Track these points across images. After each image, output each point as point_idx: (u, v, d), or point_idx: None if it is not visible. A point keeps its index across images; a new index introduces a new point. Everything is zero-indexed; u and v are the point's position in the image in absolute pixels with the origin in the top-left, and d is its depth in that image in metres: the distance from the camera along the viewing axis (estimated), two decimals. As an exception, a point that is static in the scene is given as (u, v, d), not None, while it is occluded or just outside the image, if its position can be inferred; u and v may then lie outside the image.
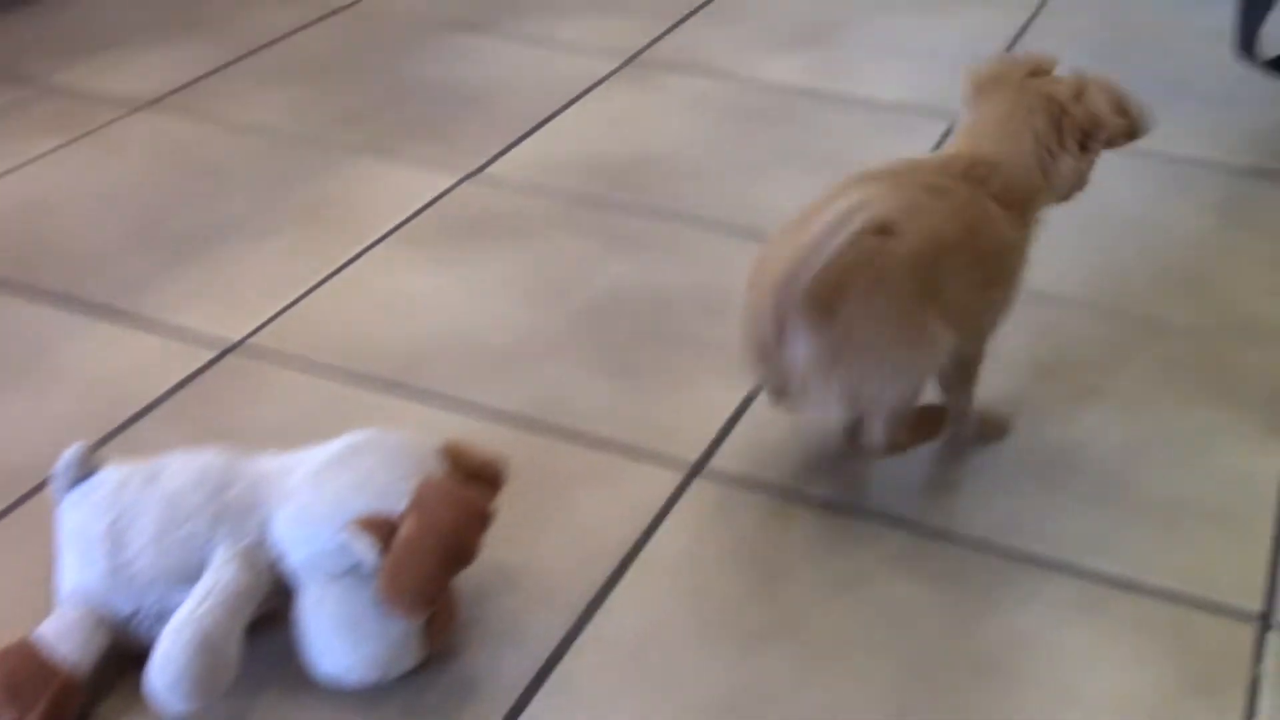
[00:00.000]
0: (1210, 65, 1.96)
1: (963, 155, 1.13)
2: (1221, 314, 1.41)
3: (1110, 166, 1.28)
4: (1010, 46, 2.01)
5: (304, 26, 2.00)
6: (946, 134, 1.72)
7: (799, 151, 1.70)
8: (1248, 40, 1.69)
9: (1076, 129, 1.13)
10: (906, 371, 1.06)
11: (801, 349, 1.02)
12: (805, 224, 0.99)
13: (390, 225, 1.51)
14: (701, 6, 2.14)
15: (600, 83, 1.87)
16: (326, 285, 1.41)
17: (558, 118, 1.77)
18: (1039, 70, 1.17)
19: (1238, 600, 1.06)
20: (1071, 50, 2.00)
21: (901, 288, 1.02)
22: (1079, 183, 1.16)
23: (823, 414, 1.12)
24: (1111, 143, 1.15)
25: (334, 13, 2.06)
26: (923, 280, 1.03)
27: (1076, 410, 1.26)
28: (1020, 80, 1.16)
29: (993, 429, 1.22)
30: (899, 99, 1.84)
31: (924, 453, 1.19)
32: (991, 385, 1.24)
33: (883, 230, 1.00)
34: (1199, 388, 1.30)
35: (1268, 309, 1.42)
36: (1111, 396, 1.28)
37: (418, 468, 0.93)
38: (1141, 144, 1.69)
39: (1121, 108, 1.15)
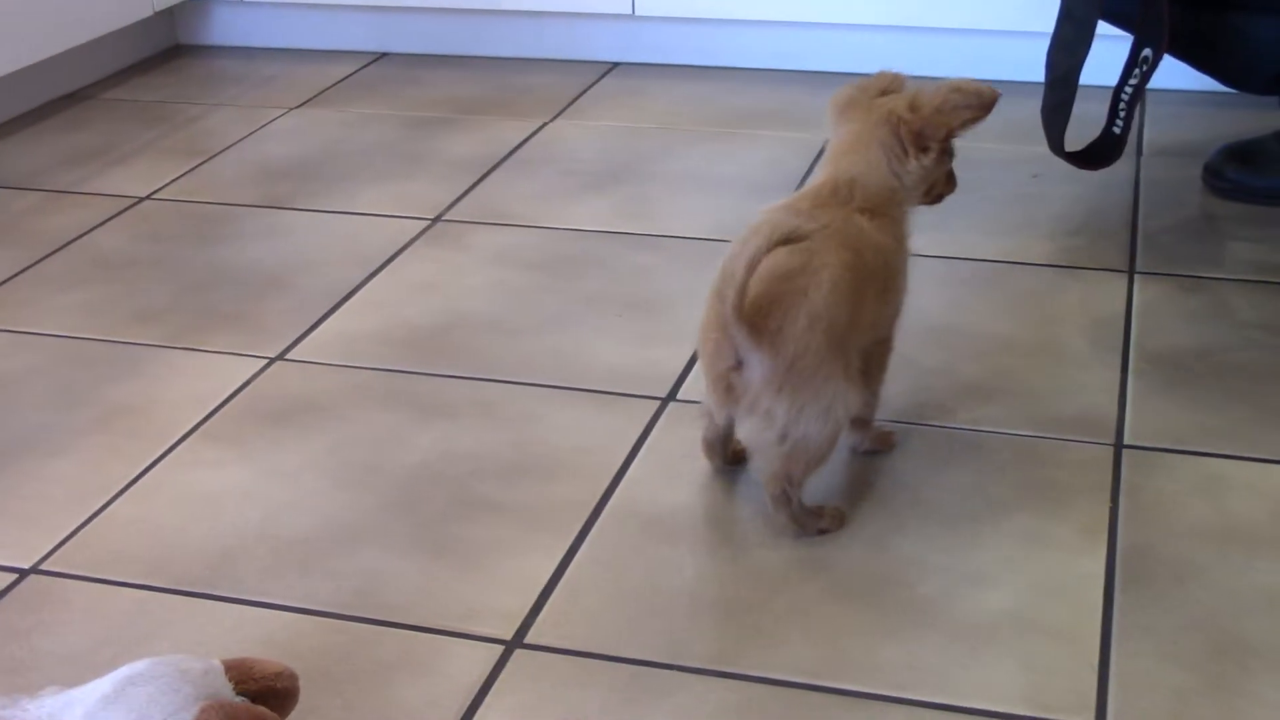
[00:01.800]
0: (1004, 162, 2.01)
1: (826, 180, 1.26)
2: (1031, 417, 1.43)
3: (917, 276, 1.32)
4: (809, 168, 2.05)
5: (98, 225, 1.97)
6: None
7: (608, 296, 1.71)
8: (1056, 143, 1.78)
9: (912, 134, 1.25)
10: (839, 400, 1.18)
11: (755, 369, 1.14)
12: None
13: (193, 422, 1.48)
14: (503, 160, 2.15)
15: (405, 248, 1.86)
16: (127, 493, 1.37)
17: (363, 289, 1.76)
18: (889, 89, 1.30)
19: (1069, 716, 1.06)
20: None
21: (835, 318, 1.15)
22: (934, 181, 1.30)
23: (768, 427, 1.18)
24: (963, 126, 1.25)
25: (128, 208, 2.03)
26: (848, 310, 1.17)
27: (894, 531, 1.26)
28: (869, 101, 1.28)
29: (883, 441, 1.36)
30: (703, 231, 1.86)
31: (741, 597, 1.18)
32: (817, 499, 1.24)
33: (792, 239, 1.12)
34: (1015, 495, 1.31)
35: (1074, 407, 1.44)
36: (929, 513, 1.28)
37: (200, 692, 0.89)
38: (941, 248, 1.73)
39: (955, 91, 1.25)
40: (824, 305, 1.15)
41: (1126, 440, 1.39)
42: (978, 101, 1.25)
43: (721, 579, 1.22)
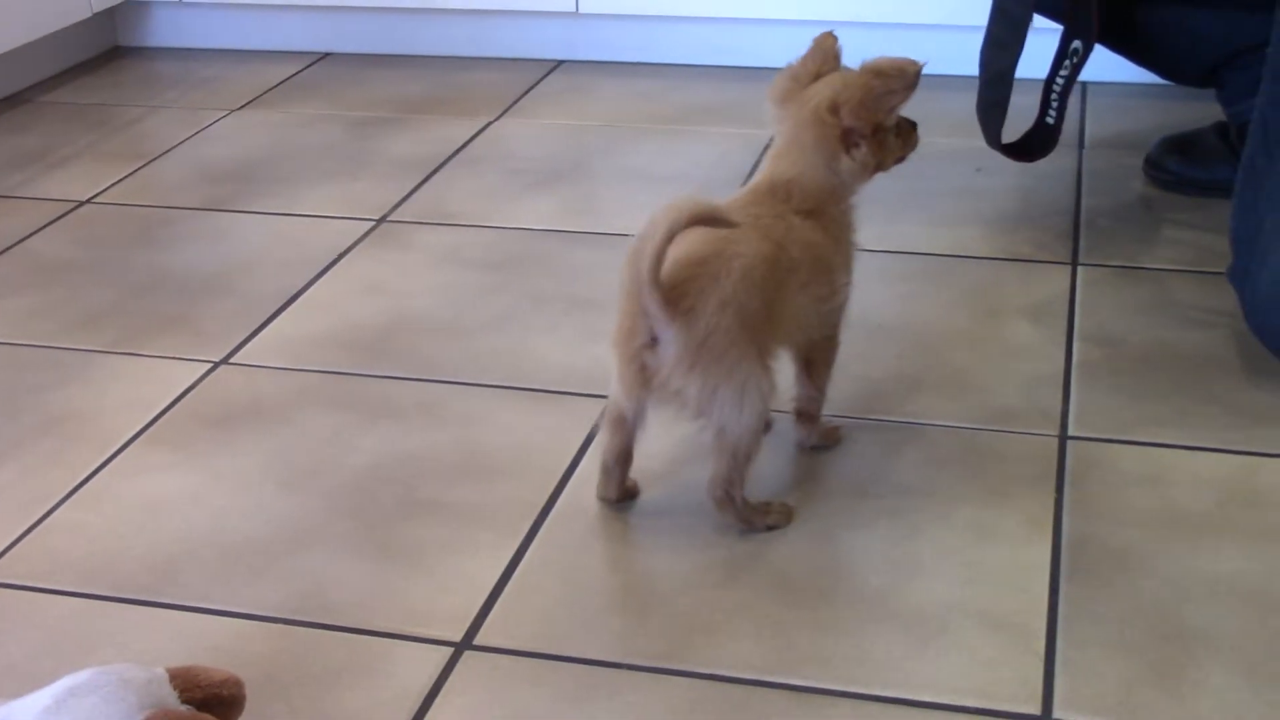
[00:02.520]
0: (948, 157, 2.02)
1: (764, 179, 1.27)
2: (977, 409, 1.44)
3: (862, 271, 1.33)
4: (756, 164, 2.05)
5: (38, 230, 1.95)
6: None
7: (554, 295, 1.70)
8: (993, 138, 1.79)
9: (839, 135, 1.25)
10: (752, 384, 1.17)
11: (669, 347, 1.15)
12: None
13: (136, 428, 1.46)
14: (448, 159, 2.14)
15: (350, 250, 1.85)
16: (69, 501, 1.35)
17: (308, 291, 1.75)
18: (822, 70, 1.30)
19: (1016, 706, 1.06)
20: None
21: (746, 303, 1.15)
22: (882, 158, 1.28)
23: (681, 408, 1.18)
24: (891, 111, 1.25)
25: (68, 212, 2.01)
26: (761, 298, 1.17)
27: (841, 525, 1.26)
28: (801, 95, 1.28)
29: (830, 436, 1.37)
30: (650, 230, 1.86)
31: (689, 594, 1.18)
32: (763, 494, 1.25)
33: (713, 220, 1.12)
34: (963, 486, 1.31)
35: (1019, 399, 1.45)
36: (877, 505, 1.29)
37: (144, 701, 0.88)
38: (887, 243, 1.74)
39: (876, 76, 1.25)
40: (733, 291, 1.15)
41: (1071, 431, 1.39)
42: (901, 83, 1.24)
43: (669, 576, 1.21)
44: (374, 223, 1.94)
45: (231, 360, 1.60)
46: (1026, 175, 1.94)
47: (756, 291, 1.17)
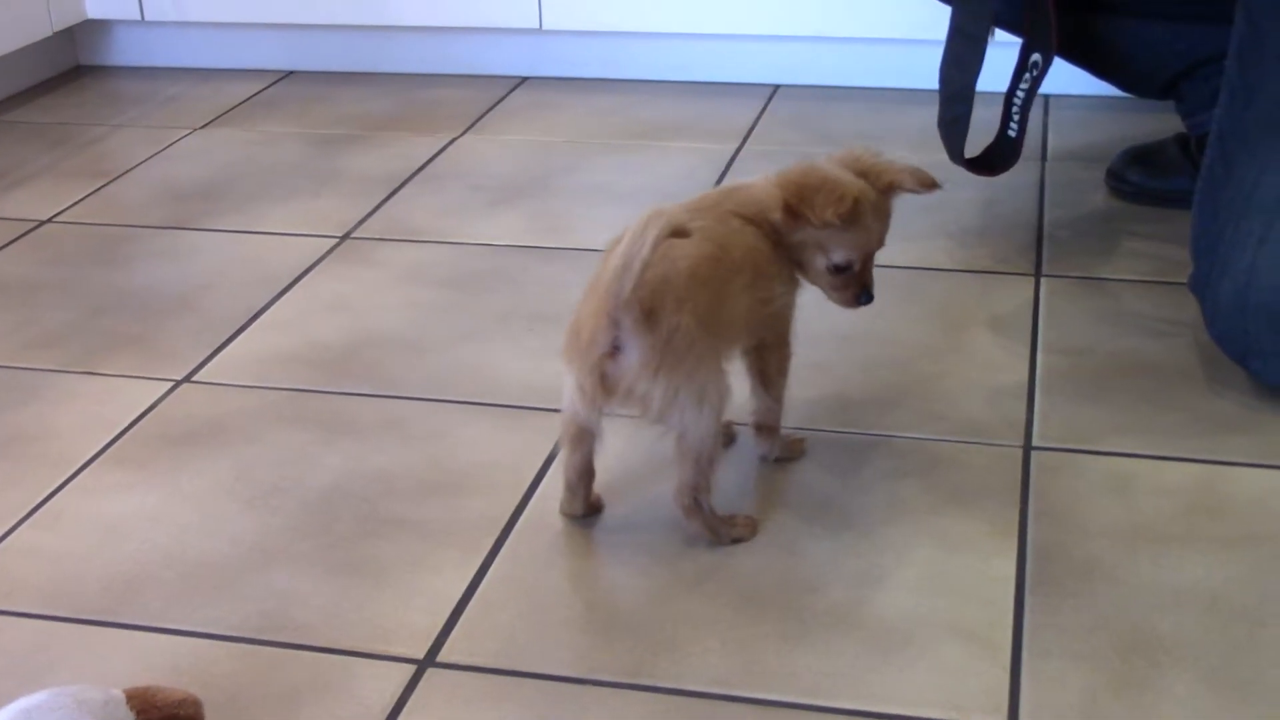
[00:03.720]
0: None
1: (723, 188, 1.31)
2: (941, 421, 1.43)
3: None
4: (720, 177, 2.05)
5: (-2, 248, 1.93)
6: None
7: (516, 310, 1.70)
8: (955, 152, 1.78)
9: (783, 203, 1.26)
10: (711, 386, 1.19)
11: (632, 353, 1.15)
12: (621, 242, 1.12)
13: (97, 447, 1.45)
14: (412, 176, 2.14)
15: (313, 267, 1.84)
16: (28, 521, 1.34)
17: (270, 309, 1.73)
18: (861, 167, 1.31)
19: (983, 717, 1.06)
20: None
21: (699, 302, 1.17)
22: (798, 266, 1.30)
23: (643, 413, 1.19)
24: (820, 222, 1.24)
25: (29, 231, 1.99)
26: (708, 297, 1.18)
27: (806, 538, 1.26)
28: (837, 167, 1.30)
29: (793, 448, 1.38)
30: (614, 245, 1.85)
31: (654, 609, 1.18)
32: (727, 507, 1.24)
33: (678, 233, 1.13)
34: (928, 498, 1.31)
35: (983, 410, 1.45)
36: (841, 519, 1.28)
37: (100, 722, 0.87)
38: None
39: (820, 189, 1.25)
40: (686, 290, 1.16)
41: (1035, 442, 1.39)
42: (831, 207, 1.24)
43: (634, 591, 1.21)
44: (337, 240, 1.92)
45: (193, 379, 1.58)
46: (989, 188, 1.94)
47: (705, 290, 1.18)
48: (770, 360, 1.32)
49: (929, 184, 1.29)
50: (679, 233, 1.14)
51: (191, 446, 1.45)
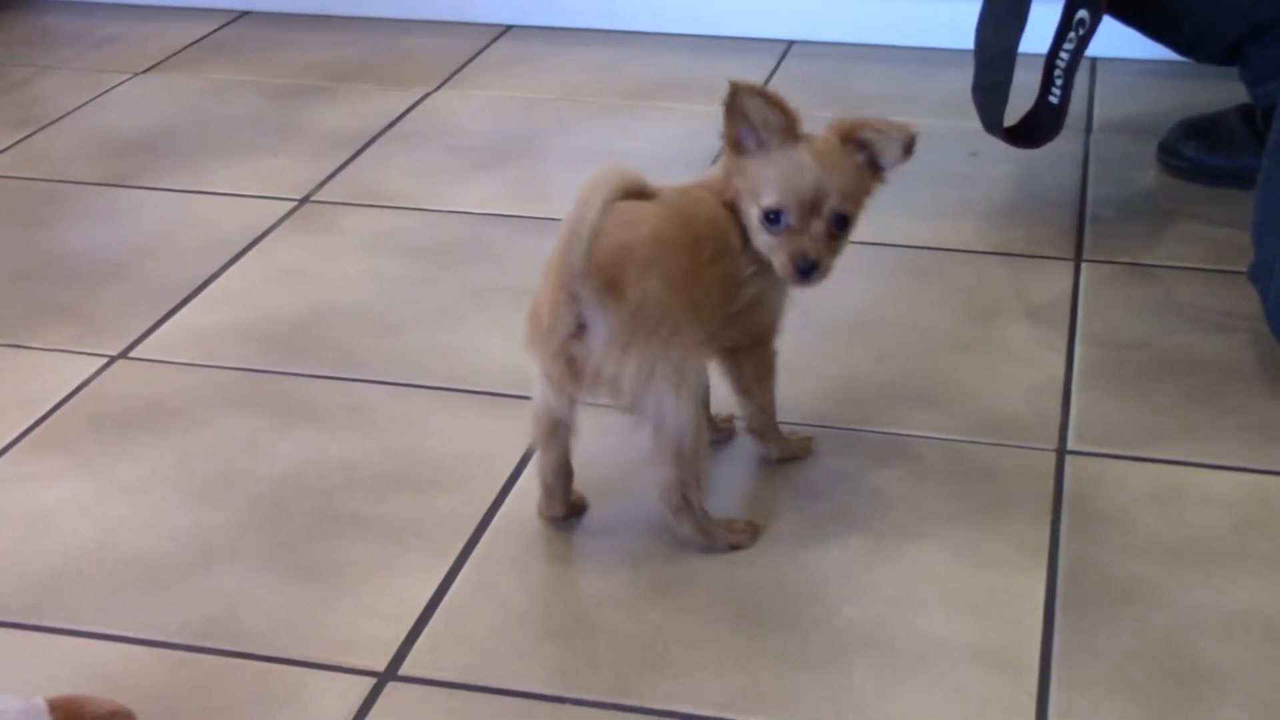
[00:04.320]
0: (939, 139, 2.03)
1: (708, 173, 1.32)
2: (966, 419, 1.44)
3: (844, 260, 1.31)
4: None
5: (-86, 204, 1.94)
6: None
7: (496, 286, 1.70)
8: (991, 122, 1.79)
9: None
10: (689, 362, 1.19)
11: (598, 330, 1.16)
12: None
13: (19, 430, 1.46)
14: (380, 134, 2.14)
15: (268, 232, 1.85)
16: (-57, 510, 1.34)
17: (219, 279, 1.74)
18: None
19: (1002, 744, 1.07)
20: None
21: (666, 266, 1.18)
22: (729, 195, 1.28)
23: (616, 398, 1.19)
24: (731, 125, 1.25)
25: (-51, 184, 2.00)
26: (676, 263, 1.19)
27: (813, 546, 1.27)
28: None
29: (799, 447, 1.39)
30: (605, 215, 1.86)
31: (641, 621, 1.19)
32: (725, 511, 1.25)
33: (635, 194, 1.15)
34: (949, 505, 1.32)
35: (1014, 409, 1.46)
36: (851, 527, 1.29)
37: (22, 733, 0.88)
38: (865, 234, 1.74)
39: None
40: (650, 253, 1.17)
41: (1070, 445, 1.41)
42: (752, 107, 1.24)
43: (619, 601, 1.22)
44: (295, 203, 1.93)
45: (131, 354, 1.59)
46: (1026, 162, 1.95)
47: (672, 254, 1.19)
48: (746, 366, 1.33)
49: (902, 130, 1.24)
50: (636, 193, 1.16)
51: (127, 430, 1.46)
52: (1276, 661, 1.14)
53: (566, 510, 1.31)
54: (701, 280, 1.22)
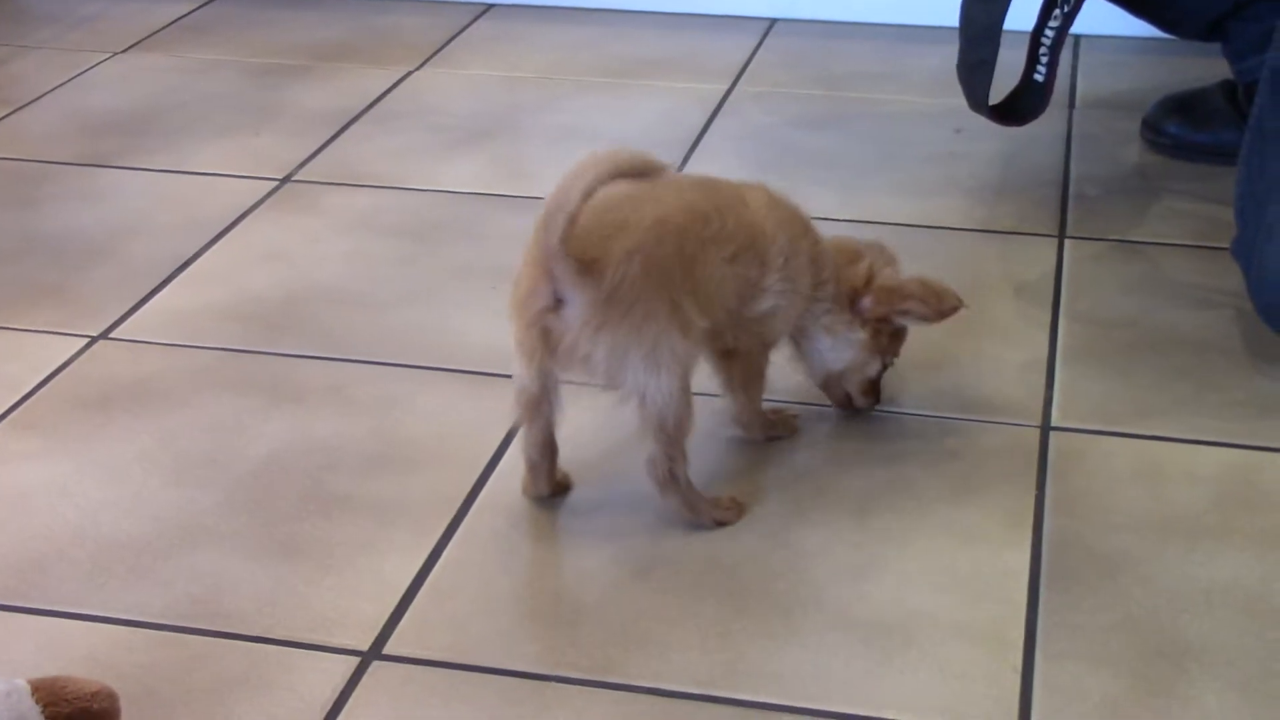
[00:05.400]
0: (923, 116, 2.04)
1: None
2: (950, 396, 1.45)
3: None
4: (708, 122, 2.06)
5: (-108, 185, 1.93)
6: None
7: (479, 266, 1.70)
8: (977, 100, 1.79)
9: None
10: (664, 344, 1.18)
11: (573, 308, 1.16)
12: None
13: (1, 409, 1.46)
14: (362, 113, 2.14)
15: (249, 212, 1.85)
16: (-76, 492, 1.34)
17: (201, 258, 1.74)
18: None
19: None
20: (781, 125, 2.06)
21: (655, 251, 1.17)
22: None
23: (591, 376, 1.20)
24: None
25: (-72, 165, 1.99)
26: (675, 247, 1.19)
27: (797, 524, 1.27)
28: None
29: (785, 425, 1.39)
30: (588, 194, 1.86)
31: (626, 599, 1.19)
32: (710, 489, 1.26)
33: (645, 172, 1.16)
34: (934, 482, 1.32)
35: (998, 386, 1.47)
36: (836, 503, 1.30)
37: (1, 716, 0.88)
38: (851, 211, 1.75)
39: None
40: (642, 239, 1.17)
41: (1054, 422, 1.41)
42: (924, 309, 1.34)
43: (604, 579, 1.22)
44: (277, 183, 1.93)
45: (112, 335, 1.59)
46: (1010, 139, 1.96)
47: (671, 240, 1.19)
48: (736, 368, 1.33)
49: (949, 312, 1.34)
50: (636, 172, 1.15)
51: (109, 411, 1.46)
52: (1257, 635, 1.15)
53: (551, 488, 1.31)
54: (711, 269, 1.22)
